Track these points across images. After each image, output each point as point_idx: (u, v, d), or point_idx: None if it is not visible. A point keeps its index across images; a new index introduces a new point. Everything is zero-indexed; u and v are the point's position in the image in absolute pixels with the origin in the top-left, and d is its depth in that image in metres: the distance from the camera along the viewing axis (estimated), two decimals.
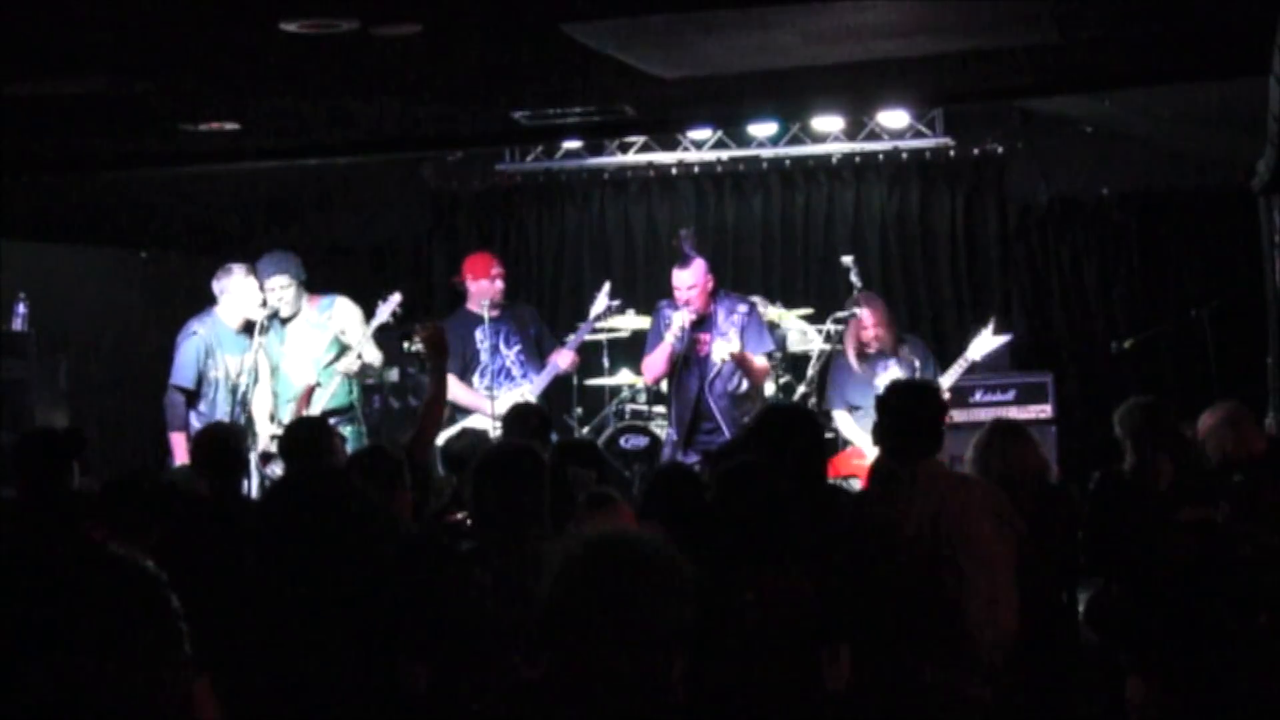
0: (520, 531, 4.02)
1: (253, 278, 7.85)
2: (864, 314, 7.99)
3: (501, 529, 4.06)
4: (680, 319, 7.67)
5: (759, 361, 7.77)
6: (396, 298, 7.84)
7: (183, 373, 7.70)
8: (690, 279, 7.69)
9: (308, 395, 7.76)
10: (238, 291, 7.81)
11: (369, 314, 7.91)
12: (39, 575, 2.89)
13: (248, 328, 7.81)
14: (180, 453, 7.56)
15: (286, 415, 7.68)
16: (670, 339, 7.71)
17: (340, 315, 7.94)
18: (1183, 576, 3.90)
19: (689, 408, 7.71)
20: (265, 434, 7.58)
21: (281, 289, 7.85)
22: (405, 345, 7.47)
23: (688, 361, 7.71)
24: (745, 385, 7.78)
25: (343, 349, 7.85)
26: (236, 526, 4.96)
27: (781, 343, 8.83)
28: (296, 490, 3.50)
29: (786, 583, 3.81)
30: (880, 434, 4.49)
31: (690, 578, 2.45)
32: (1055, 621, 4.94)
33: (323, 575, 3.22)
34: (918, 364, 7.98)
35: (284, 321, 7.92)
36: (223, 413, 7.68)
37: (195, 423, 7.65)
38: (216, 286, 7.85)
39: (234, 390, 7.72)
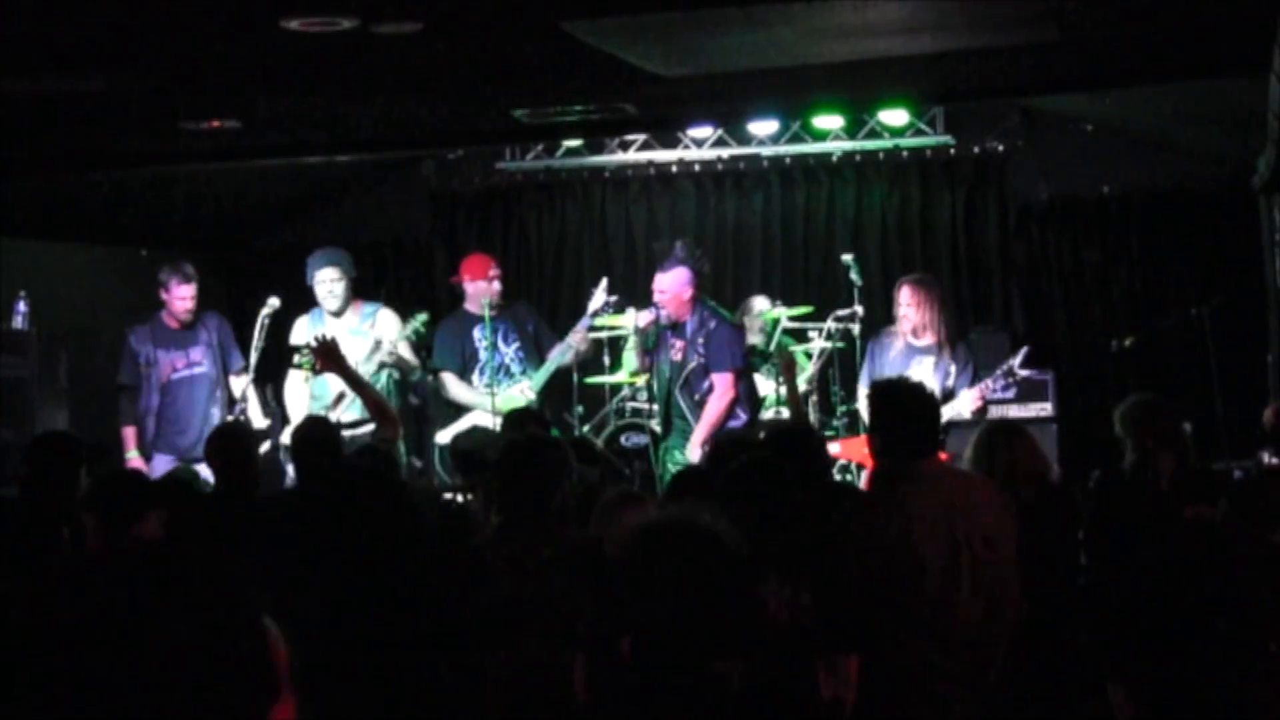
0: (543, 519, 4.17)
1: (188, 285, 8.03)
2: (900, 293, 7.79)
3: (525, 516, 4.20)
4: (640, 317, 7.81)
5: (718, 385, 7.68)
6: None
7: (121, 372, 8.14)
8: (665, 284, 7.84)
9: (336, 403, 7.77)
10: (175, 291, 8.06)
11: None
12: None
13: (188, 325, 8.09)
14: (130, 445, 8.01)
15: None
16: (632, 337, 7.89)
17: (381, 325, 8.00)
18: (1184, 577, 3.88)
19: (663, 403, 7.91)
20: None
21: (332, 282, 7.96)
22: (296, 361, 7.44)
23: (660, 361, 7.89)
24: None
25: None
26: (237, 519, 5.04)
27: (781, 344, 8.84)
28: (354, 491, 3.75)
29: (786, 592, 3.79)
30: (878, 436, 4.36)
31: (742, 557, 2.48)
32: (1056, 621, 4.93)
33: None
34: (953, 370, 7.72)
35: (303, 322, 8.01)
36: (153, 406, 8.01)
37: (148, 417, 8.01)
38: (160, 281, 8.10)
39: (162, 389, 7.99)
